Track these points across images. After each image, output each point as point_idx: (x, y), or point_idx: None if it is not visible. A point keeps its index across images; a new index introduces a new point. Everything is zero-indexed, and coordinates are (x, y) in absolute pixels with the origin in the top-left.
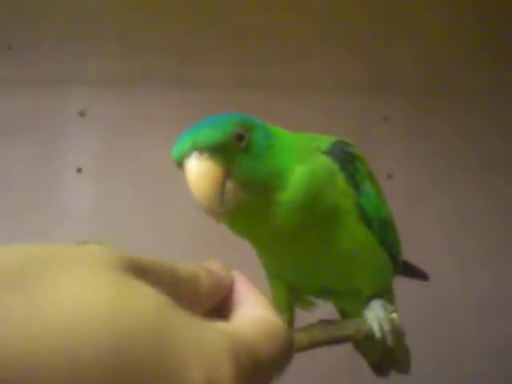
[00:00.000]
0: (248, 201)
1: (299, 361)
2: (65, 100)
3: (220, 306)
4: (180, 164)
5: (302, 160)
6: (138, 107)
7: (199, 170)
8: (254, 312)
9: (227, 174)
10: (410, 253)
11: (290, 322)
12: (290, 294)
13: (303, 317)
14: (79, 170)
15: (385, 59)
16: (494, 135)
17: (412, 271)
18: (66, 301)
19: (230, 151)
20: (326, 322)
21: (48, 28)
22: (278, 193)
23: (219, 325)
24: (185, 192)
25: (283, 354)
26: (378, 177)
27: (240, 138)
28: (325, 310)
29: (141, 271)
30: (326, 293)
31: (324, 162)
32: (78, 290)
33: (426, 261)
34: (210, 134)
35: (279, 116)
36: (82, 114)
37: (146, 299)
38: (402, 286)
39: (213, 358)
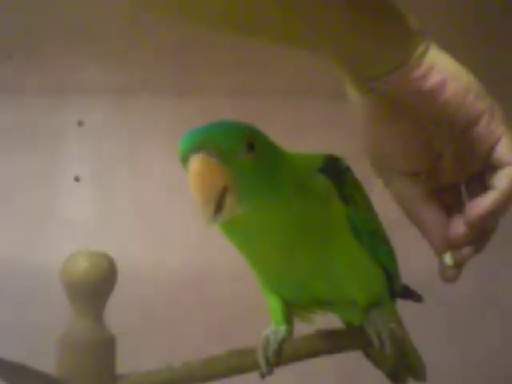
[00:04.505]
0: (241, 214)
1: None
2: (64, 109)
3: None
4: (185, 159)
5: (298, 178)
6: (137, 116)
7: (204, 171)
8: None
9: (229, 182)
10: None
11: (290, 332)
12: (287, 307)
13: (302, 325)
14: (77, 179)
15: None
16: None
17: (406, 293)
18: None
19: (237, 160)
20: (325, 332)
21: (48, 38)
22: (273, 208)
23: None
24: (184, 199)
25: None
26: None
27: (250, 147)
28: (325, 318)
29: None
30: (321, 304)
31: (319, 180)
32: None
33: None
34: (224, 137)
35: (277, 123)
36: (80, 123)
37: None
38: None
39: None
